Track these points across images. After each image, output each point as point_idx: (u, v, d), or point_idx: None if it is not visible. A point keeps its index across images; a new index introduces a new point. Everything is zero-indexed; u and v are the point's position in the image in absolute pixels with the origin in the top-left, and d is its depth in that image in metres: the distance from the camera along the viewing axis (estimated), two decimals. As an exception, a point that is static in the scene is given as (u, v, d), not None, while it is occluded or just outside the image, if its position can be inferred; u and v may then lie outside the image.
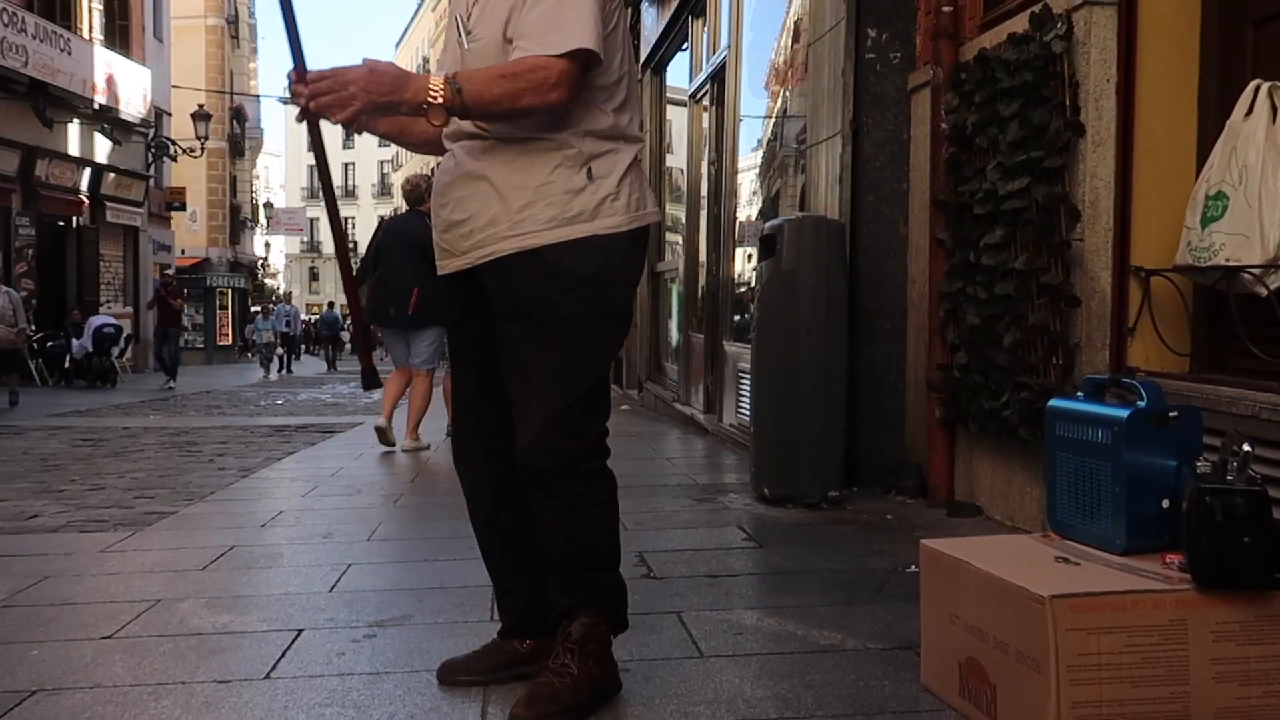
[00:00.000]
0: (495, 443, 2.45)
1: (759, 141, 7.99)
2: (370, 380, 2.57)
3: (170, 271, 21.92)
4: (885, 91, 5.45)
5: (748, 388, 6.81)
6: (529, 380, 2.30)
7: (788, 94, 6.95)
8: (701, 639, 2.90)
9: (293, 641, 2.96)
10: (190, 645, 2.94)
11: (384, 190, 69.86)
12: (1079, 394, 2.48)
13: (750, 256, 8.10)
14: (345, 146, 72.12)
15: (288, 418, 12.01)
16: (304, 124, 2.27)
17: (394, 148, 66.47)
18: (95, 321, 19.02)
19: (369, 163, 71.75)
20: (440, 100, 2.12)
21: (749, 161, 8.17)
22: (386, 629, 3.09)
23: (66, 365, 18.95)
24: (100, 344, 18.66)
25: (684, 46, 10.68)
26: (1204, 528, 2.02)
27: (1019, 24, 4.26)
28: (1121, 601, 2.01)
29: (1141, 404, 2.26)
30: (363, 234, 71.87)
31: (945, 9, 4.84)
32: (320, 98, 2.13)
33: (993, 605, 2.13)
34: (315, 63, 2.21)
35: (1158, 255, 3.84)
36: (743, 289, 8.08)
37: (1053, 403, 2.51)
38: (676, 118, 11.49)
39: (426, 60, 54.73)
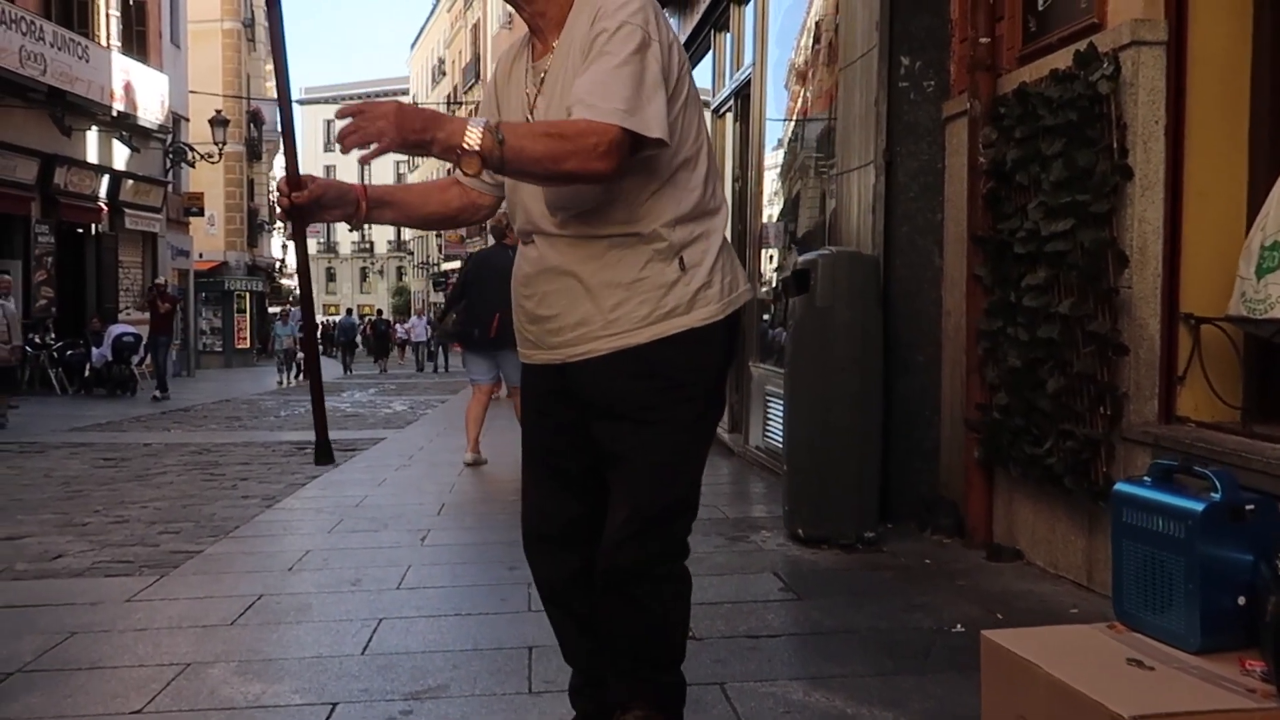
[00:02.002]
0: (569, 533, 2.39)
1: (779, 141, 7.88)
2: (323, 456, 2.49)
3: (161, 280, 21.73)
4: (919, 120, 5.35)
5: (776, 411, 6.72)
6: (622, 481, 2.23)
7: (811, 107, 6.84)
8: (749, 718, 2.82)
9: (327, 718, 2.89)
10: (223, 722, 2.87)
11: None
12: (1145, 478, 2.38)
13: (772, 258, 8.03)
14: (361, 146, 72.23)
15: (309, 432, 11.92)
16: (291, 223, 2.23)
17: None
18: (114, 330, 19.02)
19: (385, 163, 71.77)
20: (477, 147, 1.97)
21: (771, 160, 8.06)
22: (423, 702, 3.01)
23: (86, 374, 18.95)
24: (120, 352, 18.65)
25: (707, 56, 10.59)
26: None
27: (1061, 60, 4.15)
28: None
29: (1216, 496, 2.17)
30: (378, 239, 72.24)
31: (983, 40, 4.73)
32: (350, 135, 1.98)
33: (1066, 716, 2.04)
34: (329, 67, 2.17)
35: (1208, 302, 3.74)
36: (765, 289, 8.02)
37: (1120, 487, 2.41)
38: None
39: (442, 61, 54.70)
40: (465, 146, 1.96)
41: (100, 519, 6.15)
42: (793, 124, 7.53)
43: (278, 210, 2.19)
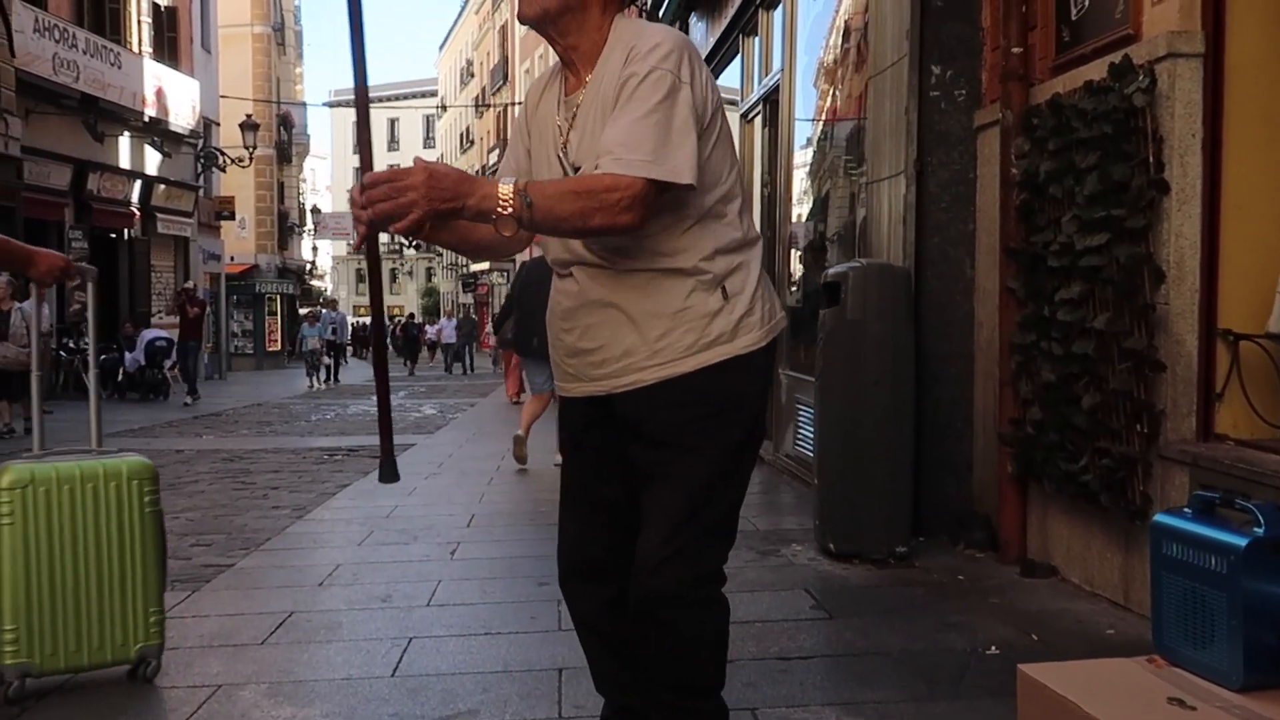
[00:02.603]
0: (605, 564, 2.39)
1: (808, 140, 7.82)
2: (388, 474, 2.45)
3: (190, 284, 21.86)
4: (950, 130, 5.30)
5: (806, 419, 6.68)
6: (661, 507, 2.22)
7: (841, 108, 6.80)
8: (781, 747, 2.79)
9: (358, 744, 2.89)
10: (254, 747, 2.87)
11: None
12: (1186, 510, 2.34)
13: (801, 259, 7.98)
14: (390, 149, 72.56)
15: (339, 437, 12.02)
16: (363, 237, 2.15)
17: (438, 149, 66.81)
18: (147, 335, 19.19)
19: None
20: (510, 212, 1.97)
21: (800, 159, 8.01)
22: (453, 727, 3.00)
23: (119, 378, 19.12)
24: (152, 357, 18.81)
25: (735, 60, 10.56)
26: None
27: (1095, 71, 4.10)
28: (1246, 758, 1.88)
29: (1260, 531, 2.12)
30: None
31: (1015, 50, 4.68)
32: (378, 205, 1.94)
33: (1105, 757, 2.00)
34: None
35: (1247, 318, 3.69)
36: (793, 289, 7.99)
37: (1159, 519, 2.37)
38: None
39: (470, 63, 54.84)
40: (499, 212, 1.96)
41: (133, 530, 6.18)
42: (822, 124, 7.48)
43: (354, 215, 2.15)
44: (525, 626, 3.97)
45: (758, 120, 9.43)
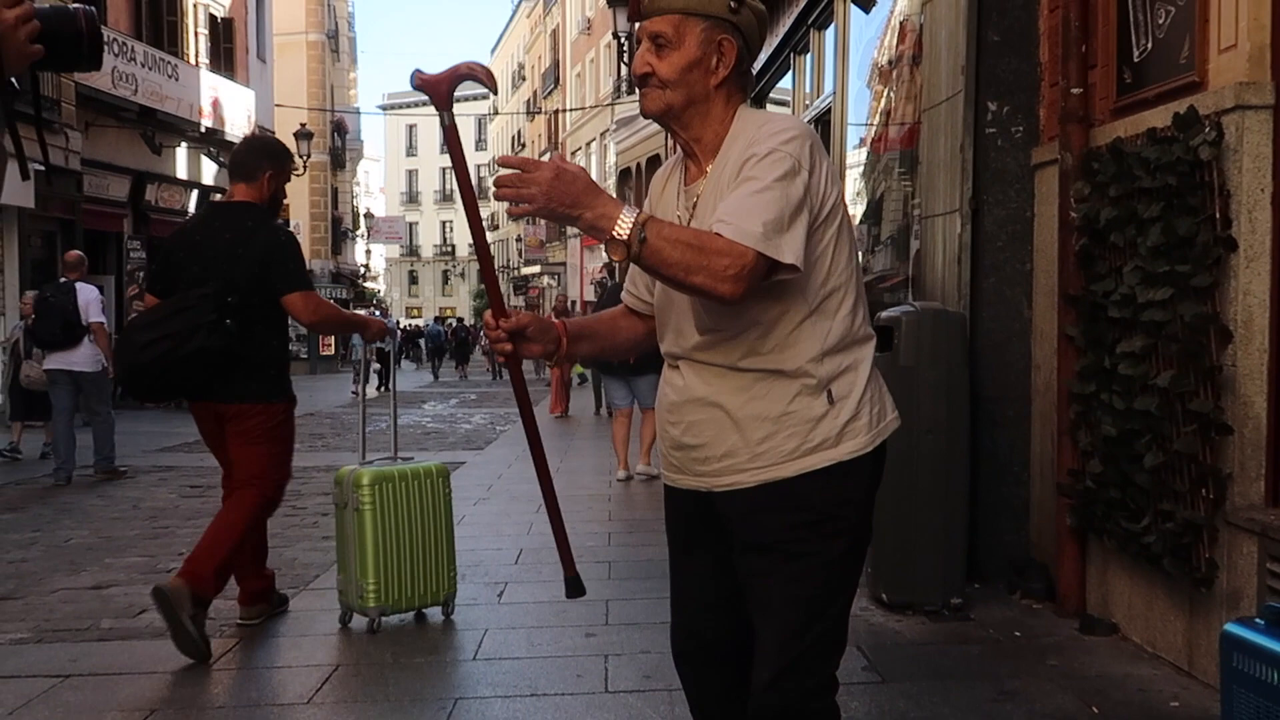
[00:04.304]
0: (717, 651, 2.39)
1: (861, 140, 7.70)
2: (575, 590, 2.43)
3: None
4: (1006, 167, 5.19)
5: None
6: (770, 617, 2.19)
7: (896, 112, 6.68)
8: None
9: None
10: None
11: (481, 193, 70.48)
12: (1258, 620, 2.23)
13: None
14: (442, 151, 72.98)
15: (389, 452, 12.03)
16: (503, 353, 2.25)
17: (490, 152, 67.14)
18: (202, 345, 19.37)
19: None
20: (624, 237, 1.95)
21: (854, 159, 7.88)
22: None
23: (176, 387, 19.33)
24: (207, 367, 18.99)
25: (786, 76, 10.47)
26: None
27: (1159, 118, 3.97)
28: None
29: (1337, 652, 2.02)
30: (460, 237, 73.04)
31: (1074, 90, 4.56)
32: (502, 189, 1.98)
33: None
34: (409, 72, 2.10)
35: (1319, 380, 3.55)
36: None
37: (1230, 629, 2.26)
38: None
39: (522, 67, 54.99)
40: (615, 235, 1.95)
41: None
42: (874, 152, 7.37)
43: (494, 348, 2.24)
44: (571, 687, 3.92)
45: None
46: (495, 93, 2.42)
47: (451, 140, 2.18)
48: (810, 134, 2.15)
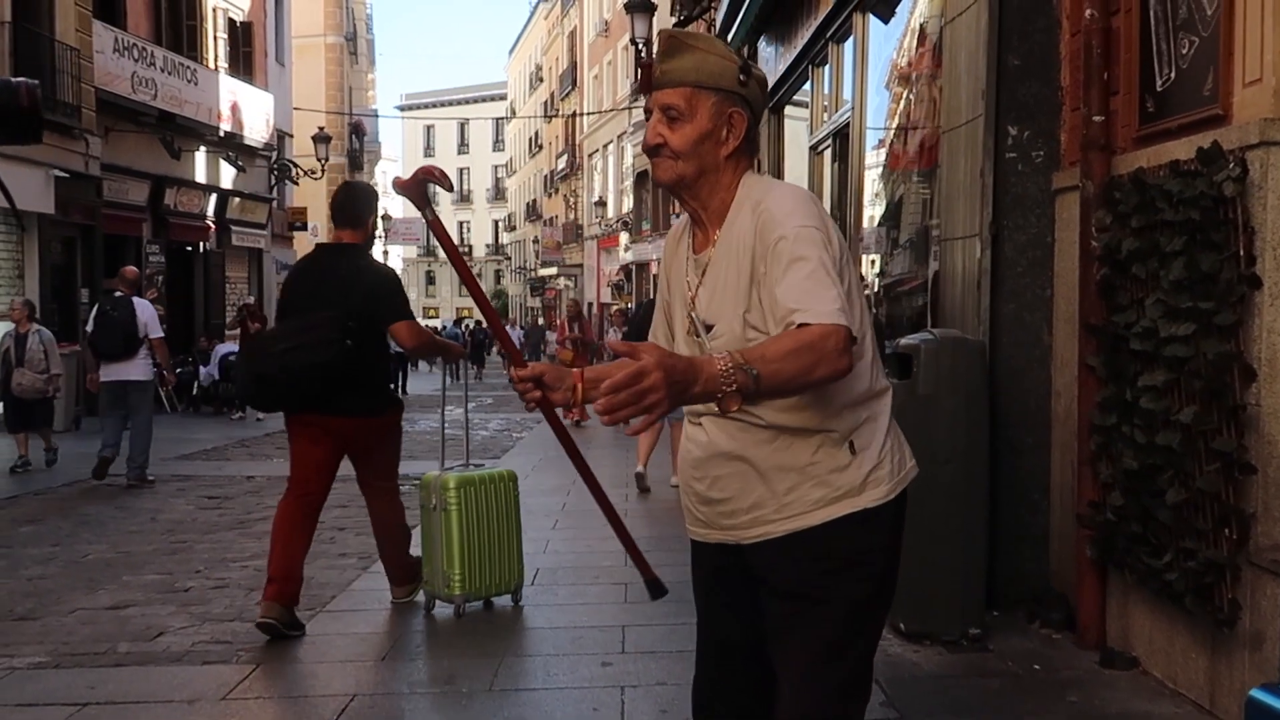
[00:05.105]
0: (736, 702, 2.42)
1: (880, 142, 7.67)
2: (657, 591, 2.48)
3: (251, 300, 22.12)
4: (1027, 192, 5.15)
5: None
6: (791, 661, 2.24)
7: (915, 165, 6.65)
8: None
9: None
10: None
11: (498, 194, 70.62)
12: (1285, 686, 2.20)
13: (874, 263, 7.85)
14: (460, 152, 73.10)
15: (406, 461, 12.02)
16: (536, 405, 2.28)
17: (507, 153, 67.21)
18: (221, 350, 19.45)
19: (483, 168, 72.60)
20: (735, 388, 1.93)
21: (871, 160, 7.85)
22: None
23: (194, 392, 19.44)
24: (226, 371, 19.07)
25: (805, 85, 10.43)
26: None
27: (1182, 150, 3.94)
28: None
29: (1365, 726, 1.98)
30: (477, 238, 73.19)
31: (1096, 118, 4.52)
32: (620, 411, 1.86)
33: None
34: (427, 73, 2.16)
35: (1345, 420, 3.50)
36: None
37: (1256, 695, 2.23)
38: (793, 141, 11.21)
39: (539, 68, 55.02)
40: (725, 390, 1.93)
41: (201, 581, 6.24)
42: (892, 169, 7.34)
43: (526, 399, 2.26)
44: (587, 720, 3.91)
45: (827, 154, 9.31)
46: (450, 190, 2.59)
47: (438, 230, 2.38)
48: (815, 199, 2.23)
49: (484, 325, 37.91)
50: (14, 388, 10.94)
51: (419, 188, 2.34)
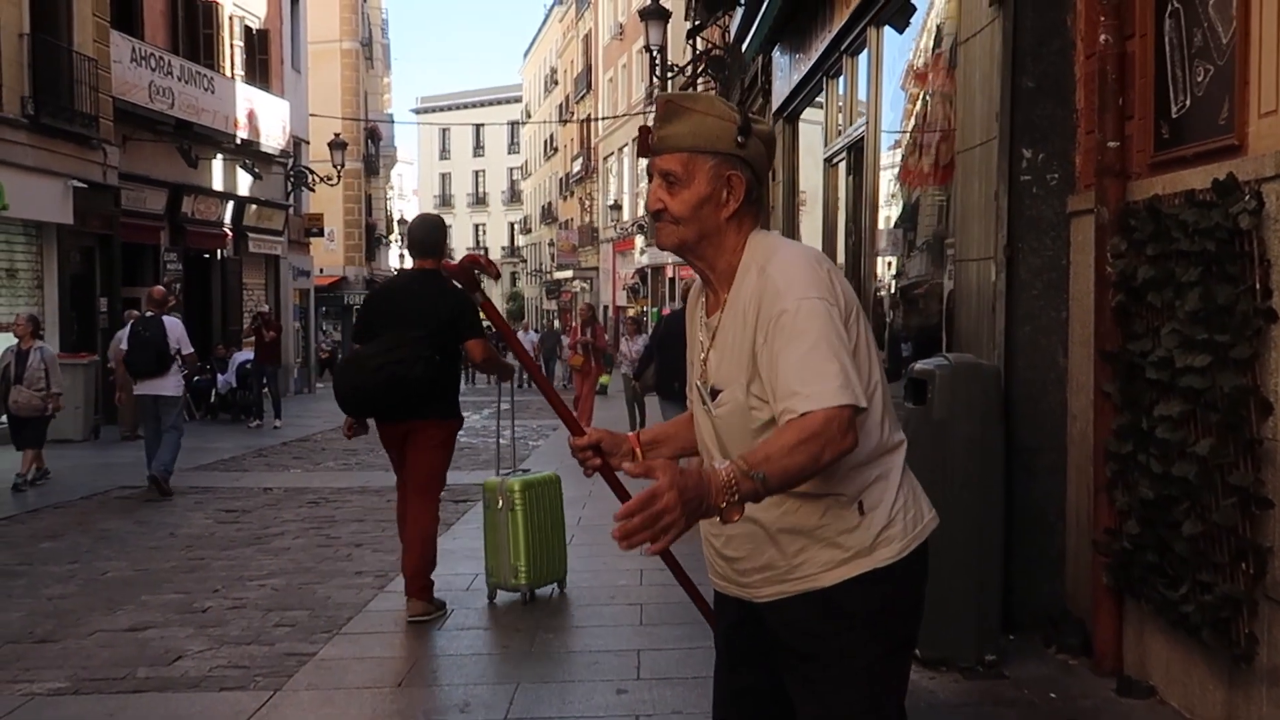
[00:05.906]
0: None
1: (895, 142, 7.65)
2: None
3: (266, 309, 22.22)
4: (1042, 215, 5.13)
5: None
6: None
7: (930, 184, 6.64)
8: None
9: None
10: None
11: (513, 197, 70.66)
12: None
13: (890, 265, 7.84)
14: (475, 154, 73.20)
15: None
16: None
17: (522, 155, 67.28)
18: (239, 357, 19.57)
19: (499, 170, 72.67)
20: (738, 497, 1.94)
21: (887, 160, 7.83)
22: None
23: (212, 399, 19.55)
24: (244, 379, 19.17)
25: (818, 100, 10.42)
26: None
27: (1197, 179, 3.92)
28: None
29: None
30: (493, 239, 73.27)
31: (1111, 144, 4.50)
32: (636, 535, 1.86)
33: None
34: (442, 76, 2.17)
35: (1363, 454, 3.48)
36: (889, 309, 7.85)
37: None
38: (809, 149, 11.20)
39: (554, 71, 55.07)
40: (730, 502, 1.93)
41: (219, 601, 6.27)
42: (907, 186, 7.33)
43: (586, 466, 2.47)
44: (602, 752, 3.92)
45: (841, 166, 9.30)
46: (497, 278, 2.77)
47: (489, 310, 2.67)
48: (821, 259, 2.21)
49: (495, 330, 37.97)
50: (10, 405, 10.85)
51: (466, 274, 2.51)
